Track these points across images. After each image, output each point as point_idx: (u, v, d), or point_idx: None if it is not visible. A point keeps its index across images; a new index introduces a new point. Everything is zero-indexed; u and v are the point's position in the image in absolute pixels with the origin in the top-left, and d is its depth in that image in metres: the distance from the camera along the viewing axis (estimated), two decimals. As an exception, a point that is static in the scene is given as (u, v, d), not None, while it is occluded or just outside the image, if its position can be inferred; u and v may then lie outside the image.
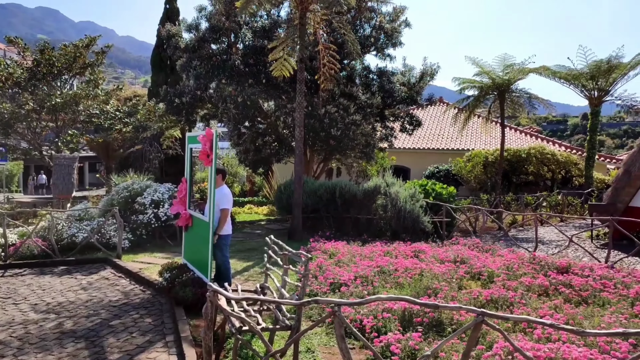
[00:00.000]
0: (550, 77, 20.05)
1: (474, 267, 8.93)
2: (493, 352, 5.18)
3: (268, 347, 4.04)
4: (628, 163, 12.91)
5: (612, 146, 69.00)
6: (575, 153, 25.25)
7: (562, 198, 18.89)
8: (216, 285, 4.39)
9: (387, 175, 15.05)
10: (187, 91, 17.40)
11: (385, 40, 18.14)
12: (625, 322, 6.27)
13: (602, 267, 9.25)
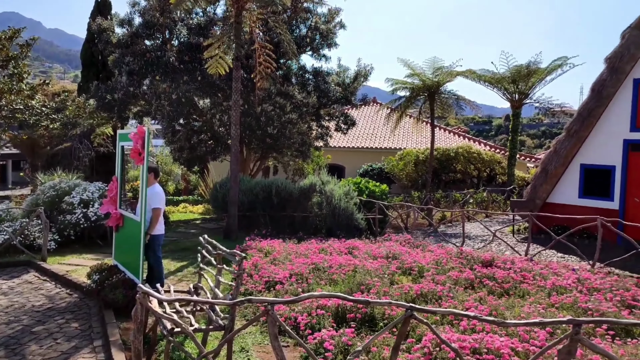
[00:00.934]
0: (476, 80, 20.91)
1: (405, 263, 9.13)
2: (422, 345, 5.32)
3: (200, 348, 3.93)
4: (545, 162, 13.69)
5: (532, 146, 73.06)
6: (499, 152, 26.51)
7: (487, 195, 19.77)
8: (147, 287, 4.22)
9: (323, 174, 15.13)
10: (120, 87, 16.69)
11: (321, 41, 18.22)
12: (543, 312, 6.62)
13: (522, 260, 9.75)
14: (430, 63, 19.48)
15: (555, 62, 19.32)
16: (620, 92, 12.49)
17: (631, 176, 12.44)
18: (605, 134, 12.77)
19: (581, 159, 13.21)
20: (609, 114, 12.70)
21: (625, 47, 12.20)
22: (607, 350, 3.53)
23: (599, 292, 7.37)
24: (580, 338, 3.39)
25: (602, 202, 12.77)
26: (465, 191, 20.54)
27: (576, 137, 12.98)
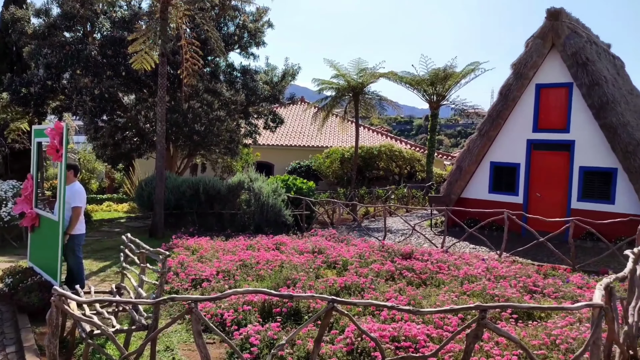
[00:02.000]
0: (397, 82, 21.56)
1: (330, 257, 9.26)
2: (345, 336, 5.42)
3: (121, 349, 3.78)
4: (459, 160, 14.39)
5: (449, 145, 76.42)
6: (419, 151, 27.53)
7: (408, 191, 20.46)
8: (66, 289, 3.99)
9: (251, 171, 15.00)
10: (37, 81, 15.58)
11: (249, 39, 18.02)
12: (456, 299, 6.96)
13: (438, 251, 10.19)
14: (355, 64, 19.85)
15: (469, 67, 20.33)
16: (524, 96, 13.36)
17: (534, 173, 13.36)
18: (512, 134, 13.62)
19: (491, 157, 14.01)
20: (514, 115, 13.55)
21: (528, 55, 13.06)
22: (509, 333, 3.78)
23: (505, 279, 7.86)
24: (485, 322, 3.59)
25: (509, 196, 13.63)
26: (388, 187, 21.13)
27: (486, 137, 13.75)
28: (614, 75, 13.61)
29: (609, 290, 4.16)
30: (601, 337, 3.74)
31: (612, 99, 11.95)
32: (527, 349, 3.60)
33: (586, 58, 12.24)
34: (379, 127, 41.33)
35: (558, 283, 7.77)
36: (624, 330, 4.73)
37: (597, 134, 12.15)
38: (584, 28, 13.67)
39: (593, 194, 12.44)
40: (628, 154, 11.48)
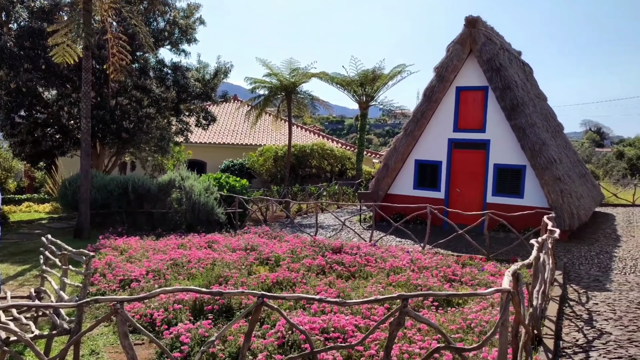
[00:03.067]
0: (329, 82, 21.84)
1: (262, 253, 9.24)
2: (276, 329, 5.45)
3: (40, 356, 3.58)
4: (387, 158, 14.81)
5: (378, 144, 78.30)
6: (350, 149, 28.02)
7: (339, 188, 20.80)
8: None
9: (183, 169, 14.62)
10: (-56, 73, 14.30)
11: (180, 36, 17.50)
12: (382, 290, 7.19)
13: (367, 245, 10.45)
14: (287, 64, 19.88)
15: (396, 69, 20.98)
16: (446, 98, 13.98)
17: (454, 170, 14.02)
18: (434, 134, 14.21)
19: (416, 155, 14.54)
20: (437, 116, 14.14)
21: (449, 59, 13.67)
22: (429, 319, 3.96)
23: (428, 269, 8.21)
24: (407, 311, 3.75)
25: (432, 192, 14.22)
26: (320, 185, 21.37)
27: (411, 136, 14.25)
28: (524, 80, 14.55)
29: (516, 276, 4.46)
30: (508, 319, 4.01)
31: (522, 102, 12.78)
32: (444, 333, 3.80)
33: (500, 64, 13.00)
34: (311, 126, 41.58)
35: (474, 272, 8.22)
36: (529, 312, 5.10)
37: (509, 134, 12.95)
38: (498, 36, 14.50)
39: (505, 189, 13.25)
40: (535, 152, 12.34)
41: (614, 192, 23.04)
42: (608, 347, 5.66)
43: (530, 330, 4.85)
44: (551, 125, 15.10)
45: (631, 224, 15.66)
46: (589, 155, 45.93)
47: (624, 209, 19.76)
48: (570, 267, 9.70)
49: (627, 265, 9.90)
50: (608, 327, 6.29)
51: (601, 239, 12.79)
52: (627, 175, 35.29)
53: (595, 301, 7.45)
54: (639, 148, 40.63)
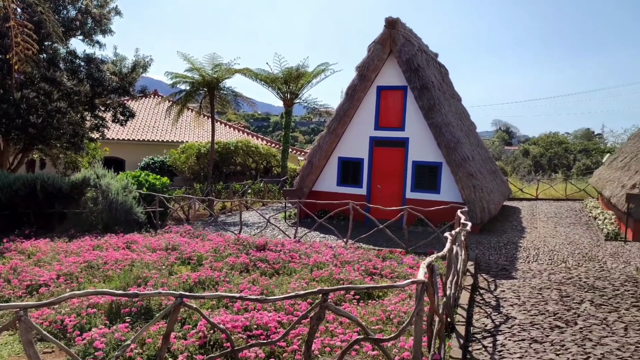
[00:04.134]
0: (253, 79, 21.62)
1: (184, 253, 9.00)
2: (198, 329, 5.33)
3: None
4: (311, 155, 14.95)
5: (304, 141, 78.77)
6: (275, 146, 27.94)
7: (264, 185, 20.69)
8: None
9: (98, 167, 13.85)
10: None
11: (94, 26, 16.55)
12: (306, 286, 7.26)
13: (291, 242, 10.50)
14: (209, 59, 19.42)
15: (320, 67, 21.18)
16: (367, 96, 14.34)
17: (375, 167, 14.44)
18: (357, 132, 14.54)
19: (339, 152, 14.80)
20: (359, 114, 14.48)
21: (370, 59, 14.04)
22: (348, 312, 4.06)
23: (350, 264, 8.40)
24: (327, 305, 3.82)
25: (355, 189, 14.55)
26: (244, 182, 21.14)
27: (334, 134, 14.48)
28: (440, 81, 15.27)
29: (430, 268, 4.68)
30: (423, 309, 4.20)
31: (438, 101, 13.41)
32: (362, 325, 3.91)
33: (418, 64, 13.55)
34: (236, 123, 41.03)
35: (394, 264, 8.53)
36: (443, 301, 5.38)
37: (427, 132, 13.54)
38: (416, 37, 15.10)
39: (423, 185, 13.85)
40: (450, 149, 13.00)
41: (520, 187, 24.84)
42: (513, 330, 6.10)
43: (443, 319, 5.12)
44: (465, 125, 15.97)
45: (534, 216, 16.96)
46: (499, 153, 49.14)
47: (529, 203, 21.37)
48: (481, 258, 10.33)
49: (530, 255, 10.72)
50: (513, 312, 6.78)
51: (509, 231, 13.75)
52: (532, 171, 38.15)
53: (503, 289, 8.00)
54: (542, 146, 43.98)
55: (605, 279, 8.58)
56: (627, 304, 7.14)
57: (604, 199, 16.52)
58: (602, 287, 8.09)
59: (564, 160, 40.84)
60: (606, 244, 12.08)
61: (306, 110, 23.87)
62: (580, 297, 7.45)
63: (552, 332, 6.00)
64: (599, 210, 16.65)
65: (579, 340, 5.73)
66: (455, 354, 5.13)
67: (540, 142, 46.26)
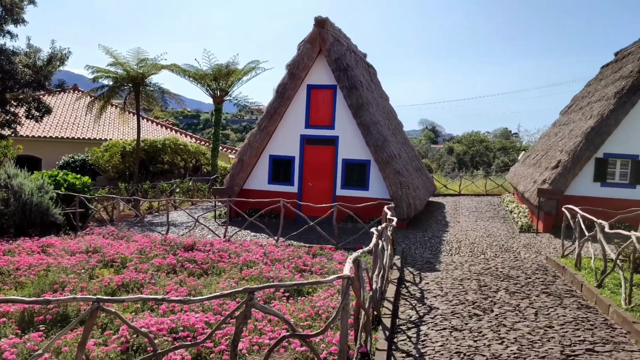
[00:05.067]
0: (181, 75, 21.00)
1: (107, 255, 8.61)
2: (120, 334, 5.11)
3: None
4: (241, 153, 14.76)
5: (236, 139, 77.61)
6: (205, 144, 27.32)
7: (193, 184, 20.18)
8: None
9: (9, 166, 12.87)
10: None
11: (4, 15, 15.36)
12: (235, 285, 7.16)
13: (221, 241, 10.33)
14: (134, 54, 18.63)
15: (250, 65, 20.96)
16: (298, 95, 14.38)
17: (306, 165, 14.52)
18: (287, 130, 14.55)
19: (270, 150, 14.73)
20: (290, 112, 14.49)
21: (300, 57, 14.08)
22: (274, 310, 4.06)
23: (280, 262, 8.40)
24: (253, 303, 3.79)
25: (286, 186, 14.55)
26: (173, 181, 20.51)
27: (265, 132, 14.40)
28: (369, 80, 15.62)
29: (356, 263, 4.78)
30: (349, 304, 4.29)
31: (367, 101, 13.70)
32: (289, 322, 3.92)
33: (346, 64, 13.77)
34: (164, 120, 39.68)
35: (324, 261, 8.63)
36: (369, 295, 5.51)
37: (356, 130, 13.80)
38: (345, 37, 15.33)
39: (353, 182, 14.12)
40: (378, 148, 13.34)
41: (444, 184, 25.97)
42: (435, 320, 6.37)
43: (370, 312, 5.25)
44: (392, 124, 16.45)
45: (457, 211, 17.80)
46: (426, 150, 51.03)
47: (452, 198, 22.40)
48: (408, 252, 10.70)
49: (453, 248, 11.25)
50: (436, 303, 7.08)
51: (433, 226, 14.33)
52: (455, 168, 39.99)
53: (427, 281, 8.33)
54: (466, 145, 46.21)
55: (519, 269, 9.17)
56: (537, 291, 7.68)
57: (519, 194, 17.64)
58: (516, 276, 8.64)
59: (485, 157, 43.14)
60: (520, 235, 12.92)
61: (237, 107, 23.53)
62: (496, 286, 7.91)
63: (471, 320, 6.33)
64: (514, 204, 17.77)
65: (495, 327, 6.08)
66: (382, 345, 5.28)
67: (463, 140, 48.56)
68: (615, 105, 13.03)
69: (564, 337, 5.74)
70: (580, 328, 6.05)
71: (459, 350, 5.38)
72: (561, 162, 13.47)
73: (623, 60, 15.50)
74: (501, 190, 24.40)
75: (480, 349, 5.42)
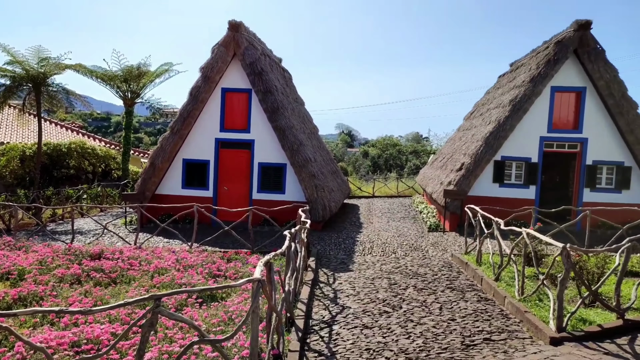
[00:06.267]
0: (88, 76, 19.81)
1: (2, 267, 7.93)
2: (15, 351, 4.74)
3: None
4: (153, 157, 14.22)
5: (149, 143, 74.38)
6: (116, 148, 25.97)
7: (102, 190, 19.10)
8: None
9: None
10: None
11: None
12: (145, 293, 6.89)
13: (131, 249, 9.88)
14: (34, 52, 17.27)
15: (163, 67, 20.25)
16: (212, 98, 14.13)
17: (221, 169, 14.29)
18: (202, 133, 14.24)
19: (184, 154, 14.33)
20: (204, 116, 14.20)
21: (215, 60, 13.85)
22: (183, 317, 3.96)
23: (193, 268, 8.20)
24: (160, 310, 3.68)
25: (201, 191, 14.23)
26: (80, 187, 19.27)
27: (178, 135, 13.99)
28: (284, 85, 15.71)
29: (268, 265, 4.80)
30: (259, 307, 4.29)
31: (282, 105, 13.77)
32: (197, 327, 3.85)
33: (261, 68, 13.75)
34: (69, 122, 37.19)
35: (239, 265, 8.55)
36: (282, 297, 5.55)
37: (271, 134, 13.82)
38: (260, 42, 15.31)
39: (269, 186, 14.11)
40: (294, 151, 13.46)
41: (359, 186, 26.71)
42: (347, 319, 6.54)
43: (282, 314, 5.28)
44: (308, 128, 16.65)
45: (371, 212, 18.39)
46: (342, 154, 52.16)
47: (367, 200, 23.09)
48: (323, 253, 10.89)
49: (366, 248, 11.60)
50: (348, 302, 7.27)
51: (348, 227, 14.70)
52: (370, 171, 41.27)
53: (340, 281, 8.53)
54: (380, 148, 47.83)
55: (427, 266, 9.66)
56: (442, 287, 8.14)
57: (428, 195, 18.59)
58: (423, 273, 9.10)
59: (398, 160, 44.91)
60: (429, 234, 13.61)
61: (149, 110, 22.60)
62: (406, 284, 8.28)
63: (381, 317, 6.58)
64: (423, 205, 18.69)
65: (403, 322, 6.37)
66: (294, 346, 5.33)
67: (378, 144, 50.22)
68: (510, 112, 14.14)
69: (464, 329, 6.13)
70: (479, 319, 6.50)
71: (368, 347, 5.57)
72: (464, 165, 14.38)
73: (517, 70, 16.88)
74: (412, 192, 25.55)
75: (388, 344, 5.65)
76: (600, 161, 14.00)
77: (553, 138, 14.21)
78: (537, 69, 14.17)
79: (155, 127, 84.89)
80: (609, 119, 13.87)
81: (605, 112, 13.89)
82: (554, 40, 14.39)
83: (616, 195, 13.95)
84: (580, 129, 14.06)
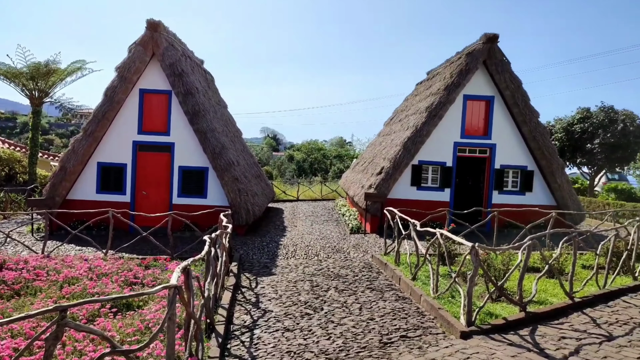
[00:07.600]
0: (-12, 72, 18.25)
1: None
2: None
3: None
4: (64, 160, 13.36)
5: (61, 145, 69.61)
6: (22, 150, 24.07)
7: (5, 195, 17.63)
8: None
9: None
10: None
11: None
12: (53, 305, 6.44)
13: (38, 258, 9.21)
14: None
15: (75, 65, 19.12)
16: (129, 99, 13.53)
17: (140, 172, 13.72)
18: (119, 135, 13.59)
19: (98, 157, 13.59)
20: (120, 117, 13.56)
21: (132, 60, 13.29)
22: (92, 328, 3.76)
23: (107, 276, 7.80)
24: (65, 322, 3.48)
25: (117, 196, 13.56)
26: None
27: (92, 137, 13.25)
28: (206, 87, 15.39)
29: (186, 271, 4.69)
30: (175, 314, 4.18)
31: (203, 107, 13.49)
32: (107, 337, 3.68)
33: (182, 70, 13.39)
34: (-33, 121, 33.96)
35: (157, 272, 8.25)
36: (201, 303, 5.43)
37: (192, 137, 13.48)
38: (180, 42, 14.90)
39: (191, 190, 13.74)
40: (216, 155, 13.22)
41: (283, 190, 26.75)
42: (269, 323, 6.53)
43: (200, 321, 5.17)
44: (231, 131, 16.43)
45: (295, 216, 18.48)
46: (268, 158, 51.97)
47: (291, 204, 23.18)
48: (245, 258, 10.78)
49: (289, 251, 11.65)
50: (270, 306, 7.27)
51: (272, 231, 14.67)
52: (295, 175, 41.47)
53: (263, 285, 8.50)
54: (305, 152, 48.18)
55: (348, 268, 9.88)
56: (363, 287, 8.36)
57: (350, 198, 19.00)
58: (345, 274, 9.29)
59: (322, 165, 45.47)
60: (351, 237, 13.92)
61: (60, 110, 21.22)
62: (327, 286, 8.41)
63: (302, 320, 6.64)
64: (346, 208, 19.09)
65: (324, 324, 6.47)
66: (214, 353, 5.24)
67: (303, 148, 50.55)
68: (427, 118, 14.84)
69: (382, 327, 6.34)
70: (397, 317, 6.75)
71: (289, 350, 5.60)
72: (384, 169, 14.87)
73: (433, 79, 17.76)
74: (335, 195, 26.00)
75: (309, 346, 5.72)
76: (507, 165, 15.08)
77: (466, 143, 15.09)
78: (450, 77, 15.00)
79: (68, 128, 79.80)
80: (514, 126, 14.98)
81: (511, 120, 14.98)
82: (465, 52, 15.31)
83: (520, 197, 15.08)
84: (489, 135, 15.05)
